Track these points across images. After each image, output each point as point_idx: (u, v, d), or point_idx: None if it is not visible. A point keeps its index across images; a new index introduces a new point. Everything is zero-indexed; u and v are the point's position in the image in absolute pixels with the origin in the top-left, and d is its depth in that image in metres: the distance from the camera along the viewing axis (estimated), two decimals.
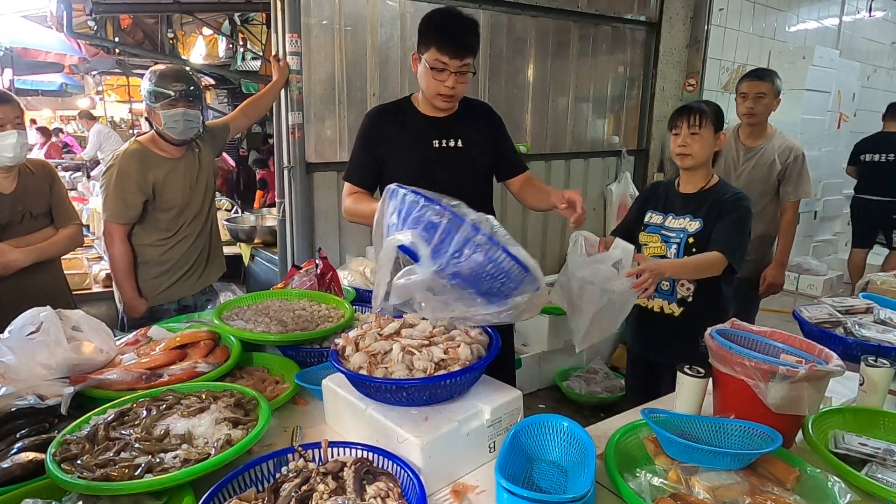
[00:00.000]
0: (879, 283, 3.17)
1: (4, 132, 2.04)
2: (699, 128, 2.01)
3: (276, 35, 3.18)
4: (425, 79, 1.92)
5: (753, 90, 2.89)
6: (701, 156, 2.04)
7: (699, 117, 2.01)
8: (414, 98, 2.07)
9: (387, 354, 1.32)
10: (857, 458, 1.24)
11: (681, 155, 2.06)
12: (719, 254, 1.94)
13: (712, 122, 2.02)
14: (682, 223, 2.11)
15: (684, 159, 2.06)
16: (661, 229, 2.15)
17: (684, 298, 2.10)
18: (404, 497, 1.06)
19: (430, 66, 1.86)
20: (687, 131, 2.03)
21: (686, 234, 2.07)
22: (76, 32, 5.66)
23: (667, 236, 2.13)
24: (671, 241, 2.11)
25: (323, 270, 2.12)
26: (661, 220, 2.16)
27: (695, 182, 2.12)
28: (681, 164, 2.10)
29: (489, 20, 3.80)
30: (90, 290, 3.43)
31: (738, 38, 5.23)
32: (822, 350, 1.34)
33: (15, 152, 2.07)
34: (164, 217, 2.40)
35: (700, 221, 2.06)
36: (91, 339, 1.53)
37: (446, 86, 1.89)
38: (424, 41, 1.88)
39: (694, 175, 2.12)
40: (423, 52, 1.89)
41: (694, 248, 2.05)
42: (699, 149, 2.03)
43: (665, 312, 2.14)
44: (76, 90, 10.56)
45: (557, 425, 1.24)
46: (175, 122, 2.30)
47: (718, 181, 2.12)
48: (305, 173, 3.25)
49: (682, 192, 2.15)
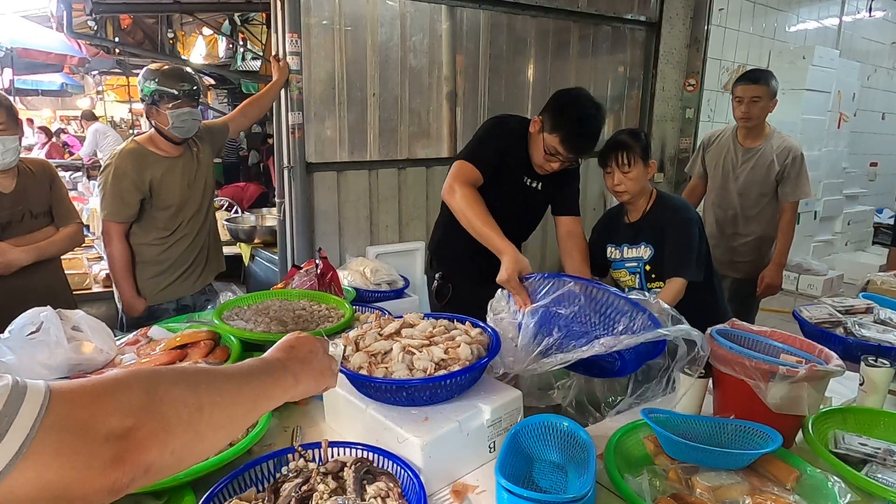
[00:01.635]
0: (879, 283, 3.17)
1: None
2: (628, 166, 2.06)
3: (276, 35, 3.18)
4: (537, 148, 2.03)
5: (748, 94, 2.88)
6: (636, 189, 2.10)
7: (625, 155, 2.05)
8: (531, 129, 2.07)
9: (387, 354, 1.32)
10: (857, 458, 1.24)
11: (618, 192, 2.12)
12: (675, 279, 2.01)
13: (640, 156, 2.06)
14: (637, 252, 2.16)
15: (621, 195, 2.13)
16: (623, 263, 2.22)
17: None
18: (404, 497, 1.06)
19: (547, 148, 1.98)
20: (618, 170, 2.08)
21: (642, 261, 2.14)
22: (76, 32, 5.67)
23: (631, 267, 2.19)
24: (634, 269, 2.18)
25: (323, 270, 2.12)
26: (620, 255, 2.22)
27: (637, 208, 2.18)
28: (619, 199, 2.17)
29: (489, 20, 3.80)
30: (90, 290, 3.43)
31: (738, 38, 5.23)
32: (822, 350, 1.34)
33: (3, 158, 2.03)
34: (162, 216, 2.40)
35: (650, 248, 2.13)
36: (91, 339, 1.53)
37: (552, 166, 2.03)
38: (553, 124, 1.95)
39: (635, 204, 2.17)
40: (547, 131, 1.97)
41: (653, 273, 2.12)
42: (633, 185, 2.08)
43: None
44: (76, 90, 10.57)
45: (557, 425, 1.24)
46: (182, 121, 2.31)
47: (657, 196, 2.16)
48: (305, 173, 3.24)
49: (630, 221, 2.20)
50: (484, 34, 3.80)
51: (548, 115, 1.98)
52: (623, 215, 2.23)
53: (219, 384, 0.71)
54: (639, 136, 2.11)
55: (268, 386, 0.80)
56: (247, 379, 0.77)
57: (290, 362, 0.86)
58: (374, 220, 3.57)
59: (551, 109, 1.98)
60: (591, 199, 4.79)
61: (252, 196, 6.35)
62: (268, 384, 0.80)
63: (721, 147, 3.10)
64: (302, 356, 0.89)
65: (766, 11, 5.44)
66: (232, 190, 6.28)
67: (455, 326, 1.46)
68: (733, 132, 3.07)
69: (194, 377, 0.69)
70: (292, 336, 0.93)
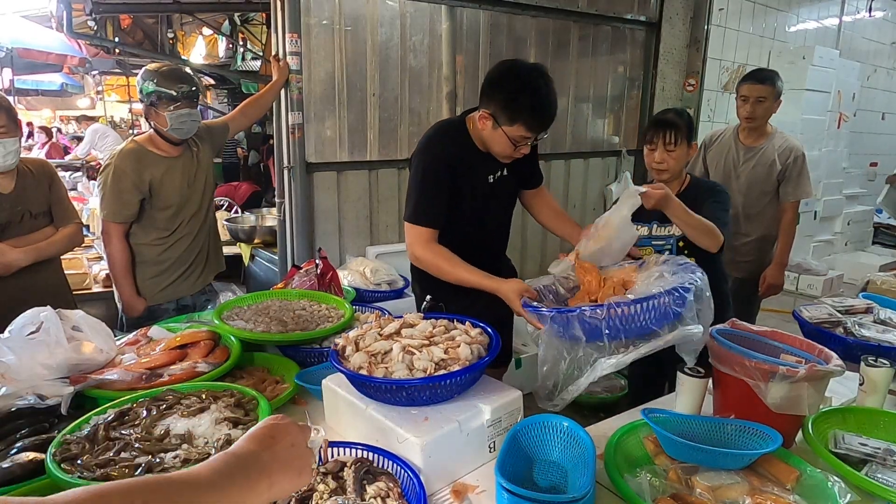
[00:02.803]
0: (879, 283, 3.17)
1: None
2: (674, 145, 2.06)
3: (276, 35, 3.18)
4: (499, 143, 1.83)
5: (754, 94, 2.87)
6: (676, 169, 2.11)
7: (674, 134, 2.06)
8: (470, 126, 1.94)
9: (387, 354, 1.32)
10: (857, 458, 1.24)
11: (658, 170, 2.12)
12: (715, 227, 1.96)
13: (685, 137, 2.08)
14: (668, 230, 2.14)
15: (661, 174, 2.13)
16: (650, 240, 2.19)
17: None
18: (404, 497, 1.06)
19: (513, 139, 1.79)
20: (663, 148, 2.08)
21: (675, 238, 2.12)
22: (76, 32, 5.67)
23: (658, 245, 2.17)
24: (662, 248, 2.16)
25: (323, 270, 2.13)
26: (648, 232, 2.20)
27: (671, 188, 2.16)
28: (657, 177, 2.16)
29: (489, 20, 3.80)
30: (90, 290, 3.43)
31: (738, 38, 5.23)
32: (822, 350, 1.34)
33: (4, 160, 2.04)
34: (162, 216, 2.40)
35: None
36: (91, 339, 1.53)
37: (523, 151, 1.86)
38: (510, 116, 1.76)
39: (670, 184, 2.16)
40: (505, 124, 1.77)
41: (686, 249, 2.09)
42: (675, 164, 2.09)
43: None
44: (76, 90, 10.56)
45: (557, 425, 1.24)
46: (182, 122, 2.31)
47: (690, 181, 2.17)
48: (305, 173, 3.25)
49: None
50: (484, 34, 3.80)
51: (498, 109, 1.77)
52: None
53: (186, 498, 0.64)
54: (685, 117, 2.12)
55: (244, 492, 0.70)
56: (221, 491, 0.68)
57: (269, 461, 0.76)
58: (374, 220, 3.57)
59: (498, 102, 1.78)
60: (591, 198, 4.79)
61: (244, 195, 6.36)
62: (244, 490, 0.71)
63: (722, 146, 3.10)
64: (282, 452, 0.78)
65: (766, 11, 5.44)
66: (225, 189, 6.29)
67: (455, 326, 1.47)
68: (735, 131, 3.07)
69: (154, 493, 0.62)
70: (272, 423, 0.81)
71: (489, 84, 1.82)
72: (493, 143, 1.86)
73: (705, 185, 2.19)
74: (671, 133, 2.05)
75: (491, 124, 1.81)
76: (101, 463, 1.10)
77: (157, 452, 1.13)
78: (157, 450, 1.14)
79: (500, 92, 1.78)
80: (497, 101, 1.78)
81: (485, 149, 1.93)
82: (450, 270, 1.81)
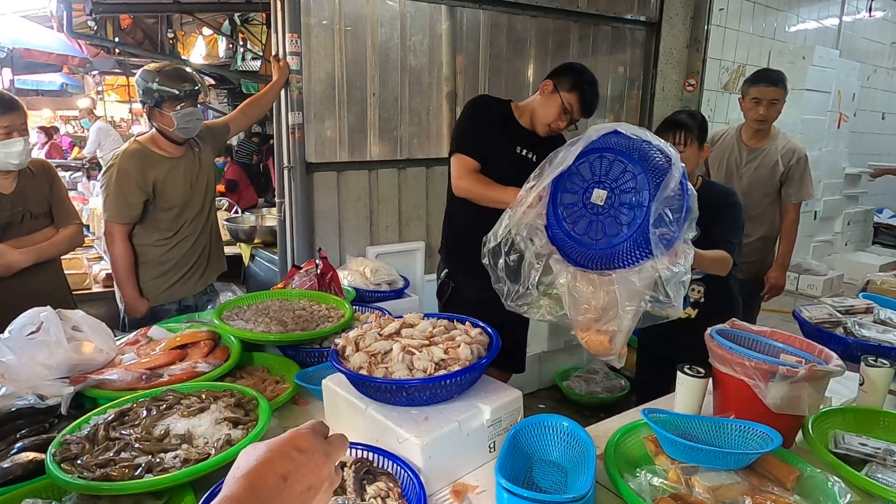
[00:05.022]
0: (879, 283, 3.17)
1: (12, 139, 2.06)
2: (684, 146, 2.04)
3: (276, 35, 3.18)
4: (550, 107, 2.21)
5: (768, 96, 2.83)
6: (690, 168, 2.09)
7: (684, 135, 2.05)
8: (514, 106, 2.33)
9: (387, 354, 1.32)
10: (857, 458, 1.24)
11: None
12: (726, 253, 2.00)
13: (697, 138, 2.06)
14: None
15: None
16: None
17: (697, 301, 2.16)
18: (404, 497, 1.06)
19: (564, 105, 2.19)
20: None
21: None
22: (76, 32, 5.66)
23: None
24: None
25: (323, 270, 2.13)
26: None
27: None
28: None
29: (489, 20, 3.80)
30: (90, 290, 3.43)
31: (738, 38, 5.23)
32: (822, 350, 1.34)
33: (21, 159, 2.10)
34: (165, 217, 2.40)
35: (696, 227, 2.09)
36: (91, 339, 1.53)
37: (561, 125, 2.24)
38: (571, 85, 2.19)
39: None
40: (564, 90, 2.19)
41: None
42: (688, 164, 2.07)
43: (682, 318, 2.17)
44: (76, 90, 10.56)
45: (557, 425, 1.24)
46: (187, 122, 2.31)
47: (702, 183, 2.16)
48: (305, 173, 3.25)
49: None
50: (484, 34, 3.80)
51: (564, 78, 2.20)
52: None
53: None
54: (697, 118, 2.11)
55: None
56: None
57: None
58: (374, 220, 3.57)
59: (566, 73, 2.22)
60: None
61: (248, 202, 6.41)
62: None
63: (725, 147, 3.09)
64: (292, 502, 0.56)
65: (766, 11, 5.44)
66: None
67: (455, 326, 1.46)
68: (737, 132, 3.06)
69: None
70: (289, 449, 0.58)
71: (559, 67, 2.28)
72: (544, 107, 2.23)
73: (719, 192, 2.15)
74: (681, 133, 2.04)
75: (551, 89, 2.21)
76: (101, 463, 1.10)
77: (157, 452, 1.14)
78: (157, 450, 1.14)
79: (568, 72, 2.24)
80: (563, 76, 2.22)
81: (526, 124, 2.28)
82: (482, 188, 2.13)
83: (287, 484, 0.55)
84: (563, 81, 2.20)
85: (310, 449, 0.58)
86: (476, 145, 2.20)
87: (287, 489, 0.54)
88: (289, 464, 0.56)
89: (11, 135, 2.05)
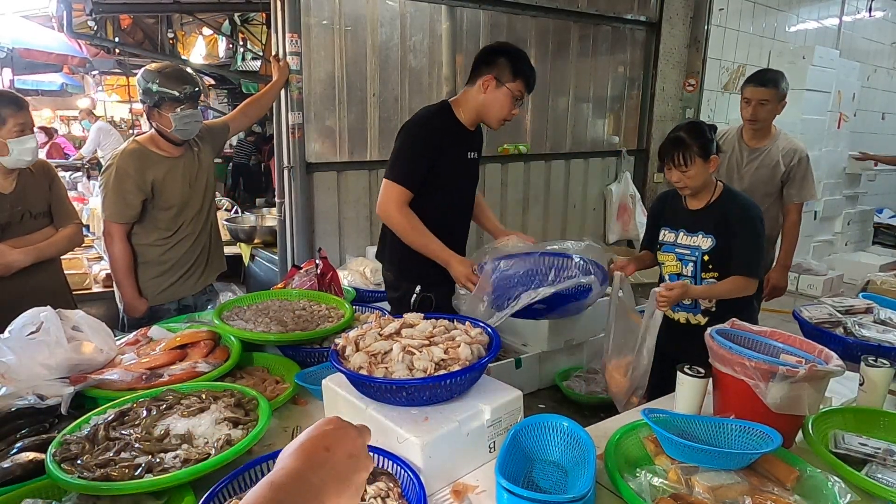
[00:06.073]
0: (879, 283, 3.17)
1: (25, 136, 2.07)
2: (685, 165, 2.04)
3: (276, 35, 3.18)
4: (501, 102, 2.12)
5: (756, 96, 2.84)
6: (696, 185, 2.08)
7: (682, 156, 2.03)
8: (453, 104, 2.20)
9: (387, 354, 1.32)
10: (857, 458, 1.24)
11: (680, 187, 2.12)
12: (746, 278, 2.03)
13: (699, 154, 2.02)
14: (695, 241, 2.14)
15: (683, 190, 2.13)
16: (674, 248, 2.20)
17: (707, 309, 2.17)
18: (404, 497, 1.06)
19: (515, 95, 2.11)
20: (676, 169, 2.07)
21: (700, 251, 2.12)
22: (76, 32, 5.66)
23: (681, 254, 2.18)
24: (686, 259, 2.16)
25: (323, 270, 2.12)
26: (674, 238, 2.20)
27: (700, 198, 2.15)
28: (681, 193, 2.16)
29: (489, 20, 3.80)
30: (90, 290, 3.43)
31: (738, 38, 5.23)
32: (822, 350, 1.34)
33: (33, 156, 2.12)
34: (164, 216, 2.40)
35: (712, 238, 2.10)
36: (91, 339, 1.53)
37: (514, 113, 2.17)
38: (513, 73, 2.09)
39: (697, 197, 2.15)
40: (508, 81, 2.09)
41: (710, 264, 2.10)
42: (693, 181, 2.07)
43: (692, 323, 2.21)
44: (76, 90, 10.54)
45: (557, 425, 1.24)
46: (185, 123, 2.30)
47: (724, 190, 2.15)
48: (305, 173, 3.25)
49: (691, 208, 2.18)
50: (484, 34, 3.80)
51: (501, 69, 2.09)
52: (682, 199, 2.20)
53: None
54: (697, 132, 2.04)
55: None
56: None
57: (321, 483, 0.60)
58: (374, 220, 3.57)
59: (499, 62, 2.10)
60: (591, 199, 4.80)
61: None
62: None
63: (726, 147, 3.09)
64: (339, 467, 0.62)
65: (766, 11, 5.44)
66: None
67: (455, 326, 1.46)
68: (738, 132, 3.05)
69: None
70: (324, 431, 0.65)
71: (487, 54, 2.14)
72: (493, 104, 2.12)
73: (741, 203, 2.10)
74: (680, 155, 2.03)
75: (494, 84, 2.09)
76: (101, 463, 1.10)
77: (157, 452, 1.14)
78: (157, 450, 1.14)
79: (500, 56, 2.10)
80: (499, 64, 2.09)
81: (471, 125, 2.20)
82: (415, 233, 2.06)
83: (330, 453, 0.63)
84: (503, 72, 2.09)
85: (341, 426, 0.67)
86: (411, 175, 2.07)
87: (332, 457, 0.63)
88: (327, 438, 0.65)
89: (24, 132, 2.07)
